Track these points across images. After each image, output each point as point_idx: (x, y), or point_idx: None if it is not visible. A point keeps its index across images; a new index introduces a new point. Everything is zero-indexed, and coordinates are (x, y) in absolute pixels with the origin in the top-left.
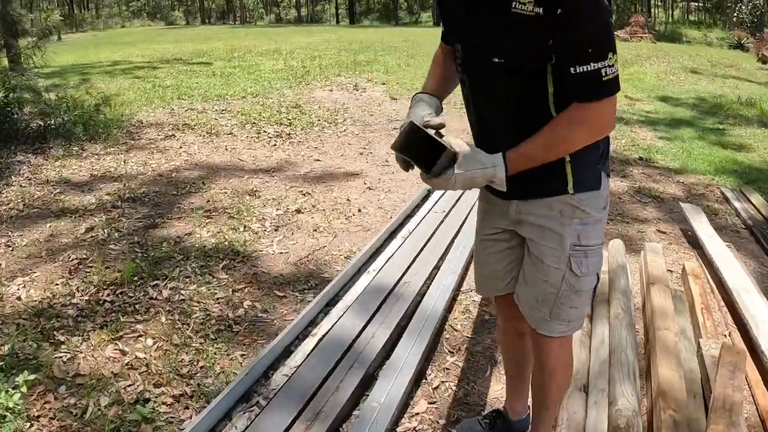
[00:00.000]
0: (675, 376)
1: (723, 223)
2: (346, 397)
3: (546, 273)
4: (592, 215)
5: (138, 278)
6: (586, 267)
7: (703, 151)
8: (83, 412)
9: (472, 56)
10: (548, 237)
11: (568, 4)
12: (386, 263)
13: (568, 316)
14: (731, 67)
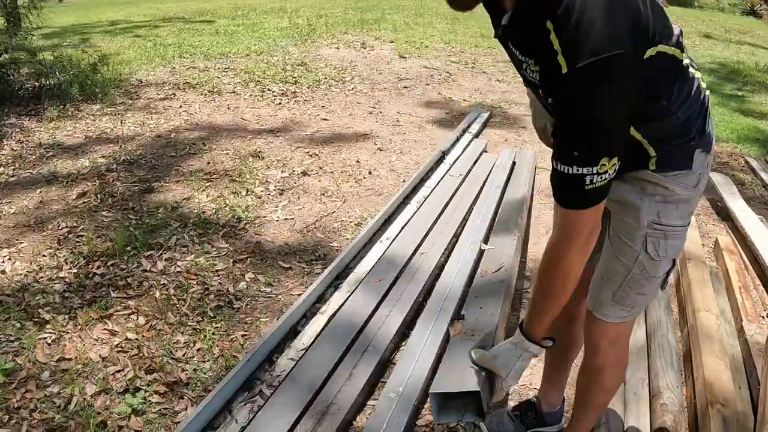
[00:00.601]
0: (721, 366)
1: (750, 194)
2: (361, 385)
3: (619, 249)
4: (677, 194)
5: (131, 248)
6: (664, 250)
7: (724, 117)
8: (67, 402)
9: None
10: (625, 210)
11: (563, 92)
12: (400, 231)
13: (632, 302)
14: (745, 33)
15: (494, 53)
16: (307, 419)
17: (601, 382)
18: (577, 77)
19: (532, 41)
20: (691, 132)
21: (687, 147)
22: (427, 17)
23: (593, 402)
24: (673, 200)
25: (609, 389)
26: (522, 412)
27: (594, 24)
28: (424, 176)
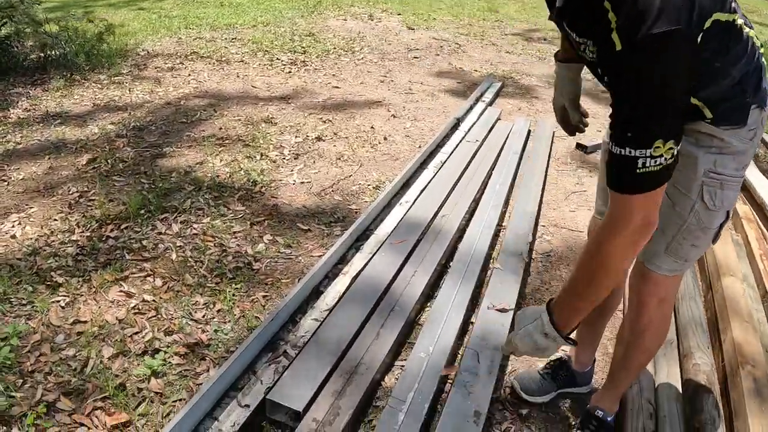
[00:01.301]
0: (749, 329)
1: (764, 167)
2: (388, 345)
3: (675, 199)
4: (734, 145)
5: (145, 211)
6: (720, 201)
7: None
8: (83, 365)
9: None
10: (682, 160)
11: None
12: (420, 195)
13: (685, 254)
14: (753, 12)
15: (502, 26)
16: (336, 378)
17: (643, 343)
18: (632, 54)
19: (588, 20)
20: (747, 90)
21: (743, 104)
22: None
23: (633, 362)
24: (729, 151)
25: (650, 350)
26: (553, 369)
27: (652, 0)
28: (440, 142)
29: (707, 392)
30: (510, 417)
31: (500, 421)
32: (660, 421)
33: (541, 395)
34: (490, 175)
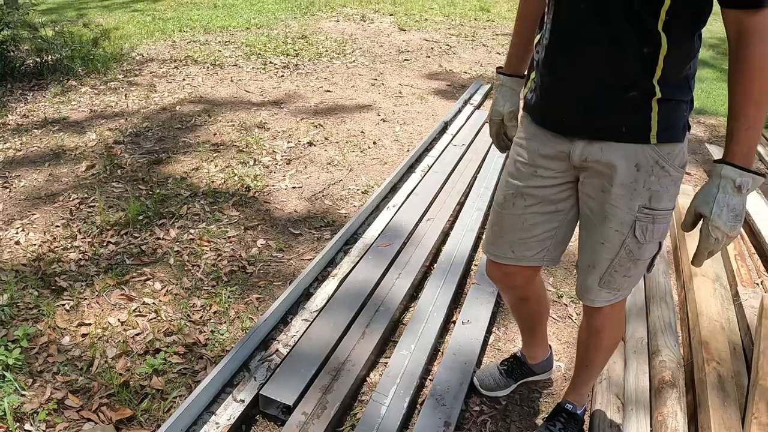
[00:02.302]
0: (716, 327)
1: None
2: (373, 344)
3: (604, 235)
4: (671, 174)
5: (143, 217)
6: (651, 234)
7: (722, 92)
8: (89, 365)
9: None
10: (615, 193)
11: None
12: (406, 199)
13: (618, 285)
14: None
15: (494, 26)
16: (324, 375)
17: (600, 343)
18: None
19: None
20: (690, 91)
21: (682, 116)
22: None
23: (593, 361)
24: (667, 181)
25: (608, 348)
26: (509, 365)
27: None
28: (428, 146)
29: (671, 387)
30: (487, 411)
31: (478, 414)
32: (627, 413)
33: (500, 390)
34: (475, 178)
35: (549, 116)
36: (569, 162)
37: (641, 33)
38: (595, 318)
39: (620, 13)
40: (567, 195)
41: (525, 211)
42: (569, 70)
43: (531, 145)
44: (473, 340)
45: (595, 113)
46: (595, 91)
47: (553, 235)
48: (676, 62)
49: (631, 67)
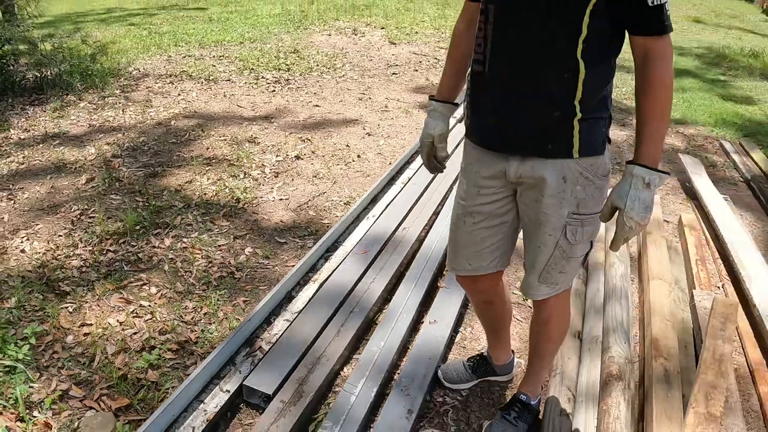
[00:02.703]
0: (668, 326)
1: (721, 176)
2: (347, 341)
3: (541, 239)
4: (595, 183)
5: (140, 227)
6: (581, 235)
7: (704, 102)
8: (91, 360)
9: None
10: (546, 203)
11: None
12: (385, 209)
13: (556, 280)
14: (735, 17)
15: None
16: (301, 368)
17: (548, 333)
18: None
19: None
20: (608, 109)
21: (601, 132)
22: (417, 2)
23: (543, 351)
24: (591, 190)
25: (556, 339)
26: (475, 363)
27: None
28: (408, 159)
29: (618, 380)
30: (450, 402)
31: (441, 404)
32: (577, 404)
33: (461, 383)
34: (451, 189)
35: (486, 138)
36: (506, 179)
37: (562, 60)
38: (543, 310)
39: (544, 44)
40: (509, 208)
41: (474, 228)
42: (501, 96)
43: (473, 169)
44: (438, 338)
45: (525, 134)
46: (524, 114)
47: (502, 244)
48: (594, 85)
49: (554, 92)
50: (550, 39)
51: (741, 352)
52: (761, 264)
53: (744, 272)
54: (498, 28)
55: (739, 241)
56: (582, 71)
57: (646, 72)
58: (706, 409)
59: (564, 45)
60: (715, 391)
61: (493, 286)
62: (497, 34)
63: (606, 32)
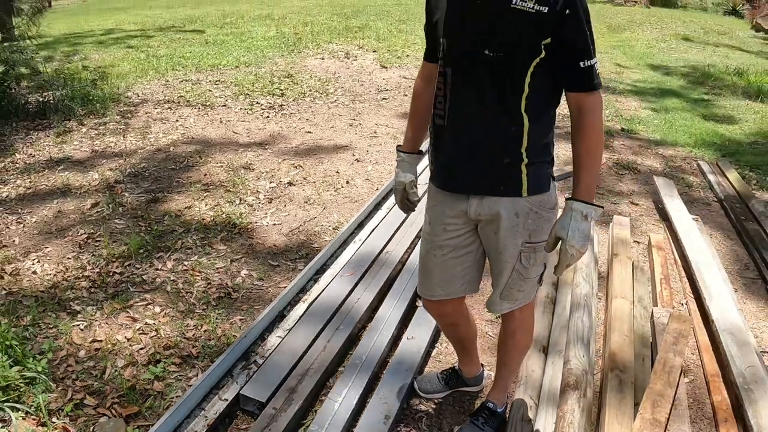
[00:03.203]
0: (626, 341)
1: (696, 196)
2: (333, 354)
3: (500, 264)
4: (543, 216)
5: (143, 251)
6: (534, 260)
7: (685, 123)
8: (102, 373)
9: (462, 49)
10: (502, 235)
11: (576, 7)
12: (371, 234)
13: (515, 297)
14: (724, 34)
15: None
16: (291, 379)
17: (515, 343)
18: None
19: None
20: (551, 153)
21: (545, 173)
22: (410, 24)
23: (510, 360)
24: (541, 221)
25: (522, 349)
26: (448, 375)
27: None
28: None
29: (574, 389)
30: (424, 409)
31: (417, 412)
32: (538, 410)
33: (435, 393)
34: None
35: (447, 181)
36: (468, 217)
37: (509, 115)
38: (510, 323)
39: (494, 102)
40: (472, 239)
41: (443, 259)
42: (459, 145)
43: (438, 209)
44: (415, 353)
45: (480, 177)
46: (479, 161)
47: (470, 271)
48: (537, 135)
49: (503, 142)
50: (498, 97)
51: (699, 363)
52: (722, 282)
53: (705, 290)
54: (455, 88)
55: (703, 260)
56: (526, 123)
57: (580, 122)
58: (652, 416)
59: (510, 102)
60: (663, 399)
61: (457, 310)
62: (454, 93)
63: (545, 89)
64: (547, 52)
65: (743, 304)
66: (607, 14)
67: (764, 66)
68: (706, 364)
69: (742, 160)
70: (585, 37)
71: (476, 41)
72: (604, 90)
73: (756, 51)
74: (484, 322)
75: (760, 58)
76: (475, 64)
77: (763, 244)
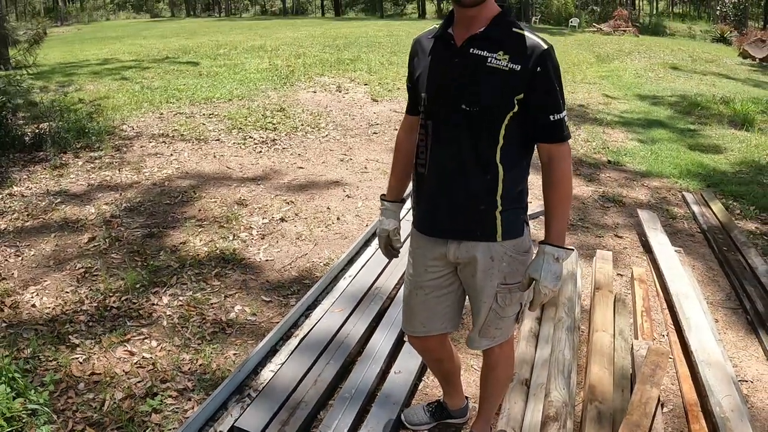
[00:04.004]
0: (605, 373)
1: (680, 227)
2: (323, 387)
3: (478, 304)
4: (518, 259)
5: (140, 286)
6: (510, 300)
7: (671, 153)
8: (101, 405)
9: (441, 103)
10: (479, 277)
11: (547, 65)
12: (361, 270)
13: (493, 335)
14: (712, 62)
15: None
16: (283, 413)
17: (496, 376)
18: (553, 51)
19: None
20: (524, 200)
21: (519, 219)
22: (401, 56)
23: (492, 393)
24: (516, 264)
25: (503, 382)
26: (434, 408)
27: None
28: None
29: (554, 421)
30: None
31: None
32: None
33: (421, 425)
34: None
35: (427, 227)
36: (447, 259)
37: (485, 165)
38: (490, 358)
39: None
40: (452, 280)
41: (425, 299)
42: (439, 193)
43: (420, 252)
44: (402, 386)
45: (457, 223)
46: (456, 208)
47: (450, 309)
48: (511, 183)
49: (479, 189)
50: (474, 148)
51: (679, 393)
52: (702, 313)
53: (685, 321)
54: (435, 139)
55: (684, 292)
56: (501, 173)
57: (551, 170)
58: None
59: (486, 153)
60: (638, 429)
61: (440, 346)
62: (434, 144)
63: (519, 141)
64: (519, 106)
65: (724, 333)
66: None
67: (750, 93)
68: (686, 394)
69: (727, 190)
70: (555, 93)
71: (454, 97)
72: (592, 122)
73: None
74: (470, 356)
75: (747, 86)
76: (453, 117)
77: (745, 274)
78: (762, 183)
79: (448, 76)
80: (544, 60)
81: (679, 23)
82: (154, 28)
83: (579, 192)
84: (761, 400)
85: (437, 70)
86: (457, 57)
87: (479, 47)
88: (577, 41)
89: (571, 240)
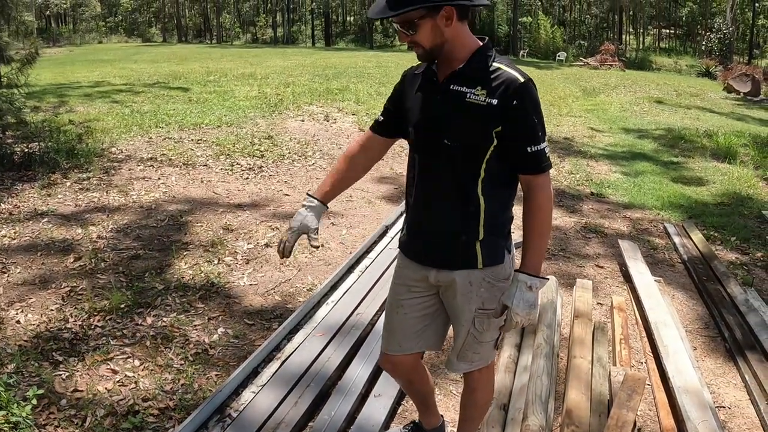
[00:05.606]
0: (582, 399)
1: (661, 257)
2: (302, 412)
3: (457, 327)
4: (497, 285)
5: (124, 306)
6: (487, 325)
7: (653, 186)
8: (83, 421)
9: (425, 137)
10: (458, 301)
11: (523, 99)
12: (343, 296)
13: (471, 359)
14: (696, 96)
15: None
16: None
17: (475, 400)
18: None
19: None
20: (506, 230)
21: (500, 246)
22: (389, 87)
23: (471, 416)
24: (494, 290)
25: (482, 406)
26: (410, 429)
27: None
28: (368, 248)
29: None
30: None
31: None
32: None
33: None
34: None
35: (412, 252)
36: (428, 282)
37: (467, 196)
38: (470, 381)
39: (454, 185)
40: (434, 301)
41: (405, 317)
42: (424, 221)
43: (404, 272)
44: (381, 410)
45: (439, 251)
46: (439, 237)
47: (427, 329)
48: (493, 214)
49: (462, 220)
50: (457, 181)
51: (657, 419)
52: (680, 340)
53: (663, 349)
54: (421, 172)
55: (662, 320)
56: (482, 204)
57: (530, 200)
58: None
59: (468, 185)
60: None
61: (412, 367)
62: (420, 176)
63: (501, 173)
64: (498, 139)
65: (702, 361)
66: (582, 77)
67: (734, 127)
68: (663, 419)
69: (708, 221)
70: (534, 125)
71: (437, 132)
72: (576, 154)
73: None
74: (449, 382)
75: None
76: (436, 152)
77: (724, 303)
78: (743, 214)
79: (431, 111)
80: (520, 93)
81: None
82: (146, 53)
83: (561, 222)
84: (738, 426)
85: (422, 105)
86: (438, 94)
87: (459, 83)
88: (564, 75)
89: (552, 269)
